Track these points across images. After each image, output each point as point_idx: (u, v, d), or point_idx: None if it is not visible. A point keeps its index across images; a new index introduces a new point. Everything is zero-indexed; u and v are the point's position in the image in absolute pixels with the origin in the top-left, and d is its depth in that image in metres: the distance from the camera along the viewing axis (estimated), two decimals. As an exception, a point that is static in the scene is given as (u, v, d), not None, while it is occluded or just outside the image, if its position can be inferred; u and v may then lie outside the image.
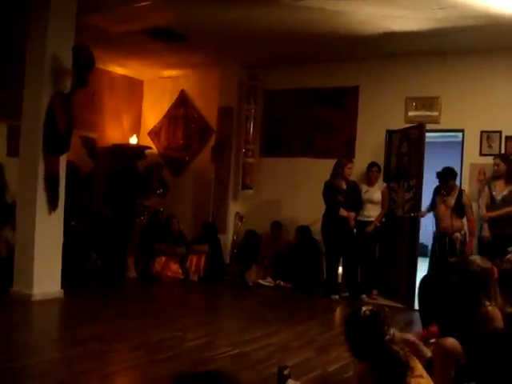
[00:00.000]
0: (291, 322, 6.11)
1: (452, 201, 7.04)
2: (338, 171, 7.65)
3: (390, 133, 8.12)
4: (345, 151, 8.35)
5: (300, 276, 8.12)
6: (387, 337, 2.69)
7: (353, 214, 7.56)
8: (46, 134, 6.28)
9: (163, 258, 8.43)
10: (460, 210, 7.01)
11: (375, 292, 7.65)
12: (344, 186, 7.64)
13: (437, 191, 7.26)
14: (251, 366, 4.38)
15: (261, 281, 8.37)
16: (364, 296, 7.49)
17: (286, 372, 3.67)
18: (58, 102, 6.30)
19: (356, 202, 7.65)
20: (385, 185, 7.84)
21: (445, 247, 6.94)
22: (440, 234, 7.07)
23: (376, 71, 8.30)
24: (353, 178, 7.81)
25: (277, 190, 9.02)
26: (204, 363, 4.30)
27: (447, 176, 7.06)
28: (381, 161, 8.02)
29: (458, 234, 6.93)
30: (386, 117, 8.18)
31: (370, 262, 7.75)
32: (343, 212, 7.51)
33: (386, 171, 8.05)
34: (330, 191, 7.59)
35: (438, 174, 7.14)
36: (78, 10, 6.42)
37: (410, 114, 8.03)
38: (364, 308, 2.82)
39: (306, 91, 8.88)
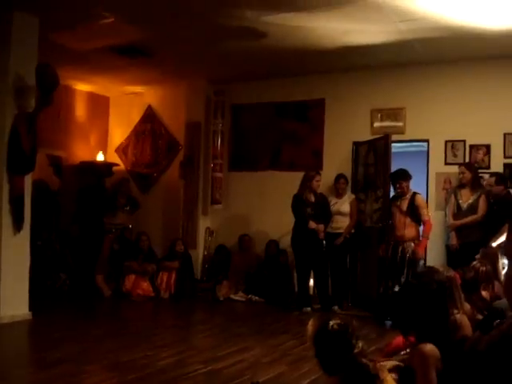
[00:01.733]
0: (263, 336, 6.09)
1: (405, 205, 6.94)
2: (306, 184, 7.67)
3: (356, 144, 8.19)
4: (312, 164, 8.40)
5: (272, 290, 8.12)
6: (356, 350, 2.68)
7: (322, 227, 7.58)
8: (11, 154, 6.21)
9: (133, 276, 8.34)
10: (414, 214, 6.89)
11: (347, 303, 7.66)
12: (312, 199, 7.66)
13: (392, 200, 7.15)
14: (223, 382, 4.35)
15: (232, 296, 8.35)
16: (336, 307, 7.50)
17: (258, 388, 3.65)
18: (22, 122, 6.24)
19: (325, 214, 7.68)
20: (353, 196, 7.89)
21: (396, 257, 6.83)
22: (394, 243, 6.92)
23: (341, 84, 8.39)
24: (321, 189, 7.83)
25: (246, 203, 9.02)
26: (176, 382, 4.26)
27: (397, 177, 7.00)
28: (348, 172, 8.09)
29: (411, 243, 6.81)
30: (352, 128, 8.26)
31: (341, 274, 7.78)
32: (312, 224, 7.53)
33: (354, 182, 8.12)
34: (299, 204, 7.61)
35: (389, 176, 7.11)
36: (41, 27, 6.39)
37: (376, 125, 8.12)
38: (331, 322, 2.81)
39: (272, 105, 8.93)
